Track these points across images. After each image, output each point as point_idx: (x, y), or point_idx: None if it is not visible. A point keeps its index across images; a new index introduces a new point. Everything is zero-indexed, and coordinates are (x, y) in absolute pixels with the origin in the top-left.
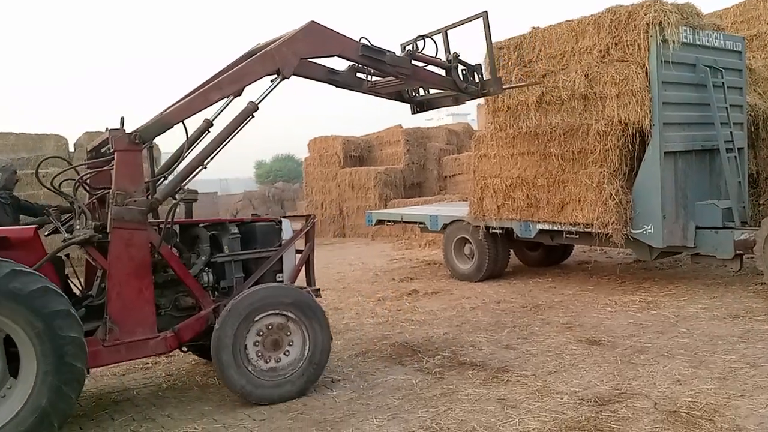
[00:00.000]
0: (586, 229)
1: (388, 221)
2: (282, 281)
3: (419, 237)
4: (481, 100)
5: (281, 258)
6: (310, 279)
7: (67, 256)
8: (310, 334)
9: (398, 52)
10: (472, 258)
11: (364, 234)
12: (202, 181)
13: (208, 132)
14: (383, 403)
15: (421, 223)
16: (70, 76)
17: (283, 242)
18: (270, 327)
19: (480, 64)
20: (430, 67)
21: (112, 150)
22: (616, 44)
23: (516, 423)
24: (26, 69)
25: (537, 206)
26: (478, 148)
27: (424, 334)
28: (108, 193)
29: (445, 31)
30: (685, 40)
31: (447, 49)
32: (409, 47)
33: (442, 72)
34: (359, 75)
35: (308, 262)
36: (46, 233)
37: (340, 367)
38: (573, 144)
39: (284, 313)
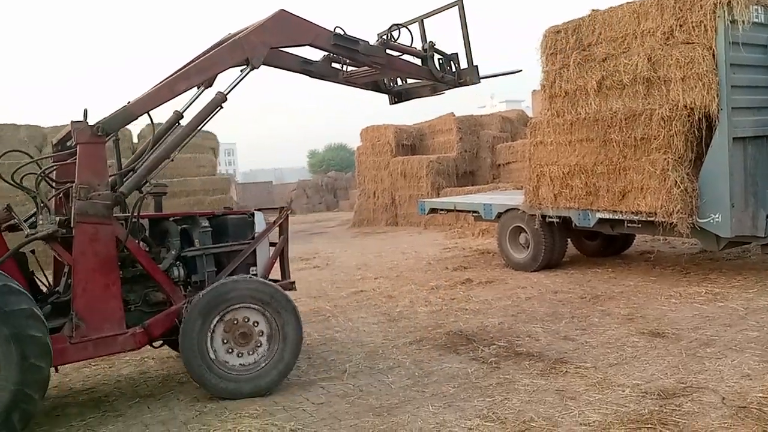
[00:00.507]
0: (648, 218)
1: (441, 210)
2: (255, 275)
3: (472, 226)
4: (537, 86)
5: (254, 251)
6: (284, 272)
7: (33, 251)
8: (280, 328)
9: (374, 42)
10: (528, 247)
11: (416, 223)
12: (257, 170)
13: (178, 124)
14: (438, 391)
15: (474, 211)
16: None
17: (256, 235)
18: (237, 321)
19: (456, 53)
20: (407, 57)
21: (74, 143)
22: (680, 26)
23: (576, 415)
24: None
25: (596, 194)
26: (534, 135)
27: (479, 323)
28: (65, 188)
29: (422, 20)
30: (756, 20)
31: (423, 39)
32: (384, 36)
33: (418, 61)
34: (334, 65)
35: (282, 255)
36: (3, 229)
37: (395, 354)
38: (635, 130)
39: (252, 306)
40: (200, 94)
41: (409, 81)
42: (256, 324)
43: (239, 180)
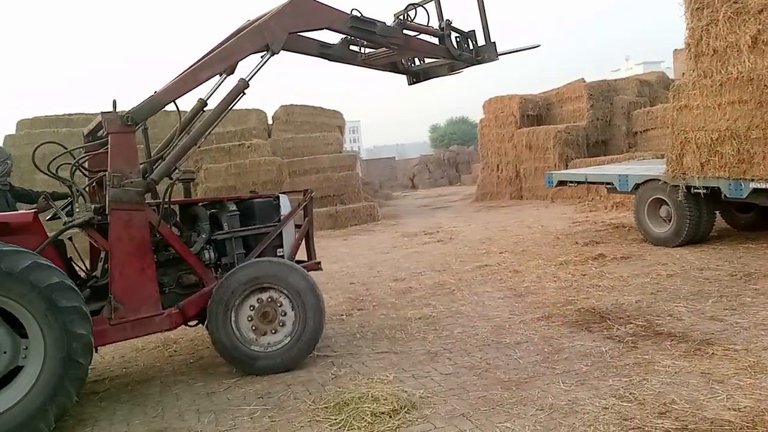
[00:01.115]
0: None
1: (571, 182)
2: (282, 256)
3: (605, 199)
4: (680, 45)
5: (281, 233)
6: (310, 253)
7: (70, 239)
8: (301, 312)
9: (390, 22)
10: (670, 221)
11: (543, 196)
12: (380, 147)
13: (203, 111)
14: (570, 368)
15: (608, 183)
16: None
17: (282, 217)
18: (261, 301)
19: (473, 31)
20: (424, 36)
21: (105, 133)
22: None
23: (723, 399)
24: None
25: (750, 162)
26: (678, 99)
27: (614, 300)
28: (105, 175)
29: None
30: None
31: (440, 17)
32: (401, 16)
33: (435, 40)
34: (352, 47)
35: (308, 237)
36: (47, 218)
37: (523, 329)
38: None
39: (277, 288)
40: (222, 81)
41: (427, 60)
42: (280, 306)
43: (363, 157)
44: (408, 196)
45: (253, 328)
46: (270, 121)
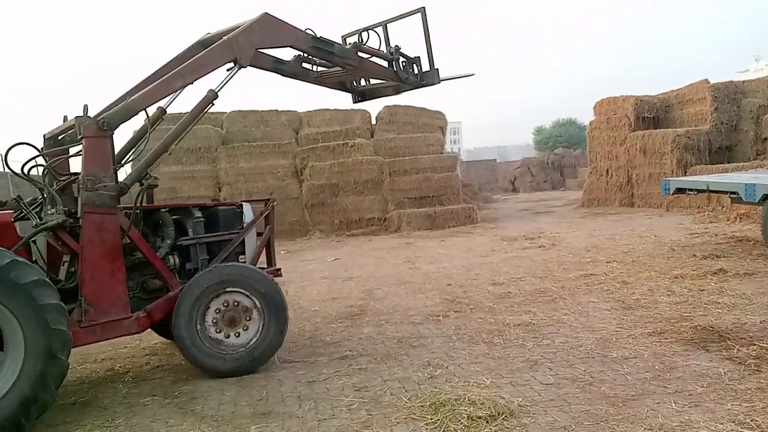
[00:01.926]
0: None
1: (690, 190)
2: (244, 263)
3: (727, 209)
4: None
5: (243, 240)
6: (270, 260)
7: (33, 242)
8: (266, 316)
9: (341, 45)
10: None
11: (656, 204)
12: (481, 148)
13: (162, 119)
14: (683, 388)
15: (733, 192)
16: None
17: (244, 225)
18: (227, 304)
19: (419, 57)
20: (375, 59)
21: (80, 136)
22: None
23: None
24: None
25: None
26: None
27: (734, 319)
28: (72, 179)
29: (385, 25)
30: None
31: (387, 42)
32: (355, 40)
33: (385, 63)
34: (305, 65)
35: (269, 244)
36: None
37: (631, 344)
38: None
39: (243, 291)
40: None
41: (372, 81)
42: (245, 310)
43: (463, 158)
44: (508, 199)
45: (218, 330)
46: (374, 121)
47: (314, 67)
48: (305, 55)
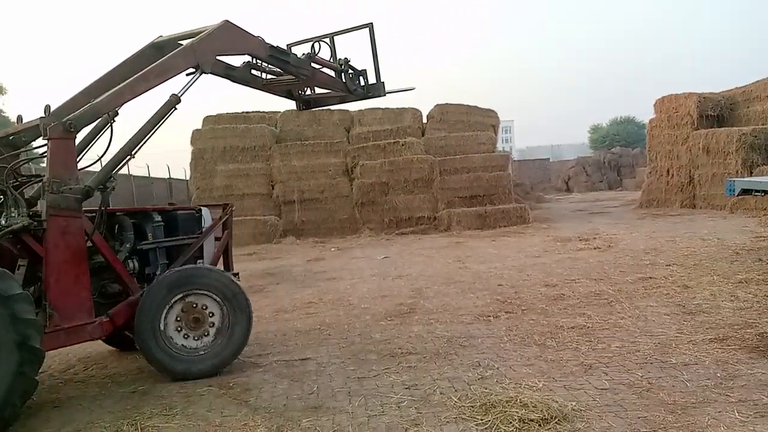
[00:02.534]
0: None
1: (756, 191)
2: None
3: None
4: None
5: (201, 245)
6: (228, 265)
7: None
8: (230, 314)
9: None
10: None
11: (720, 206)
12: (534, 147)
13: (114, 121)
14: (748, 398)
15: None
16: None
17: (203, 230)
18: (191, 306)
19: (365, 70)
20: (326, 70)
21: (46, 138)
22: None
23: None
24: None
25: None
26: None
27: None
28: (32, 182)
29: (332, 37)
30: None
31: (333, 54)
32: (304, 50)
33: (332, 74)
34: (254, 72)
35: (227, 249)
36: None
37: (692, 350)
38: None
39: (207, 293)
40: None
41: (318, 90)
42: (211, 315)
43: (515, 157)
44: (561, 199)
45: (182, 333)
46: (424, 120)
47: (263, 75)
48: (255, 62)
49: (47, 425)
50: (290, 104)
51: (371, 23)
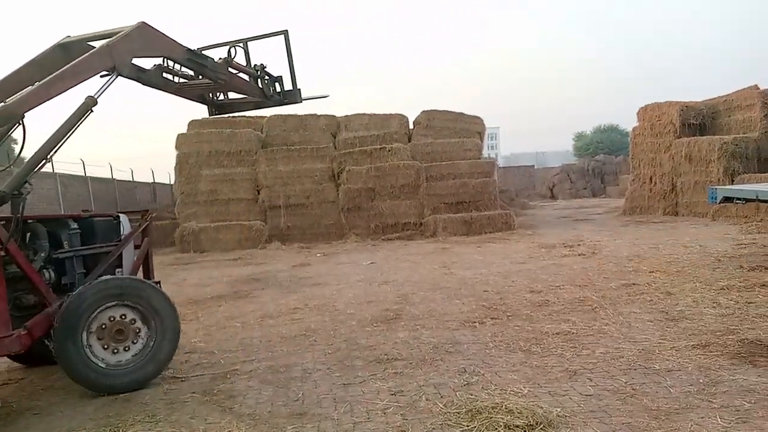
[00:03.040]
0: None
1: (738, 199)
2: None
3: None
4: None
5: (120, 253)
6: (148, 273)
7: None
8: (156, 327)
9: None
10: None
11: (702, 213)
12: (519, 154)
13: (21, 123)
14: (730, 404)
15: None
16: None
17: (122, 237)
18: (113, 319)
19: (281, 76)
20: (241, 74)
21: None
22: None
23: None
24: None
25: None
26: None
27: None
28: None
29: (246, 42)
30: None
31: (248, 59)
32: (219, 54)
33: (246, 79)
34: (166, 75)
35: (147, 257)
36: None
37: (675, 356)
38: None
39: (128, 304)
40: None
41: (231, 96)
42: (132, 321)
43: (500, 164)
44: (546, 206)
45: (105, 345)
46: (411, 126)
47: (176, 78)
48: (167, 65)
49: None
50: (276, 110)
51: (286, 30)
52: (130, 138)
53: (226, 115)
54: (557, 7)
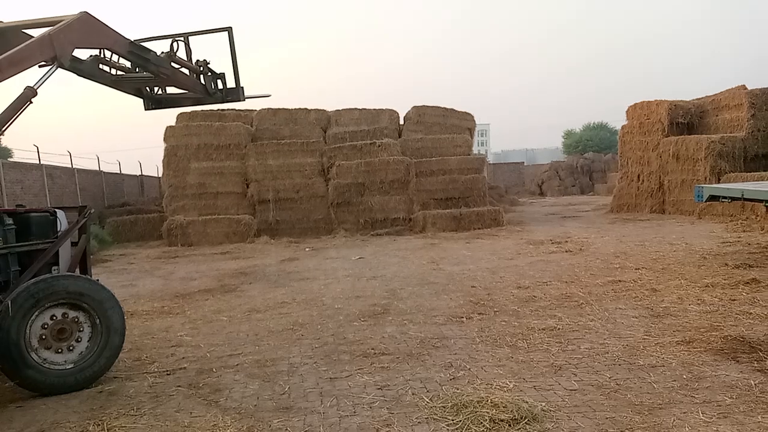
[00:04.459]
0: None
1: (724, 198)
2: (58, 274)
3: (762, 218)
4: None
5: (57, 250)
6: (86, 271)
7: None
8: (101, 323)
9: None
10: None
11: (688, 211)
12: (508, 151)
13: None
14: (712, 399)
15: None
16: None
17: (59, 234)
18: (55, 317)
19: (224, 73)
20: (183, 69)
21: None
22: None
23: None
24: None
25: None
26: None
27: (767, 330)
28: None
29: (187, 37)
30: None
31: (189, 54)
32: (167, 50)
33: (187, 74)
34: (103, 67)
35: (85, 254)
36: None
37: (659, 352)
38: None
39: (71, 302)
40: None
41: (170, 90)
42: (76, 319)
43: (490, 161)
44: (535, 202)
45: (47, 346)
46: (401, 121)
47: (112, 70)
48: (104, 56)
49: (10, 426)
50: (267, 103)
51: (230, 27)
52: (118, 129)
53: (214, 108)
54: (549, 6)
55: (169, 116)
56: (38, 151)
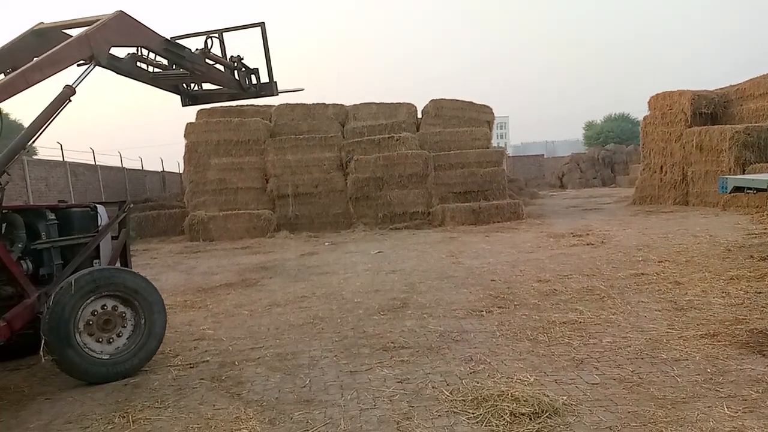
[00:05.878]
0: None
1: (749, 189)
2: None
3: None
4: None
5: (98, 244)
6: (127, 264)
7: None
8: (145, 324)
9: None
10: None
11: (713, 203)
12: (528, 143)
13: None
14: (737, 393)
15: None
16: None
17: (100, 228)
18: (105, 308)
19: (257, 68)
20: (217, 65)
21: None
22: None
23: None
24: None
25: None
26: None
27: None
28: None
29: (221, 33)
30: None
31: (223, 50)
32: (201, 47)
33: (222, 69)
34: (140, 65)
35: (125, 248)
36: None
37: (682, 346)
38: None
39: (125, 297)
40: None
41: (206, 86)
42: (123, 315)
43: (509, 153)
44: (555, 195)
45: (94, 336)
46: (419, 115)
47: (150, 68)
48: (141, 54)
49: (39, 417)
50: (285, 99)
51: (263, 22)
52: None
53: (233, 104)
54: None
55: (189, 113)
56: (62, 149)
